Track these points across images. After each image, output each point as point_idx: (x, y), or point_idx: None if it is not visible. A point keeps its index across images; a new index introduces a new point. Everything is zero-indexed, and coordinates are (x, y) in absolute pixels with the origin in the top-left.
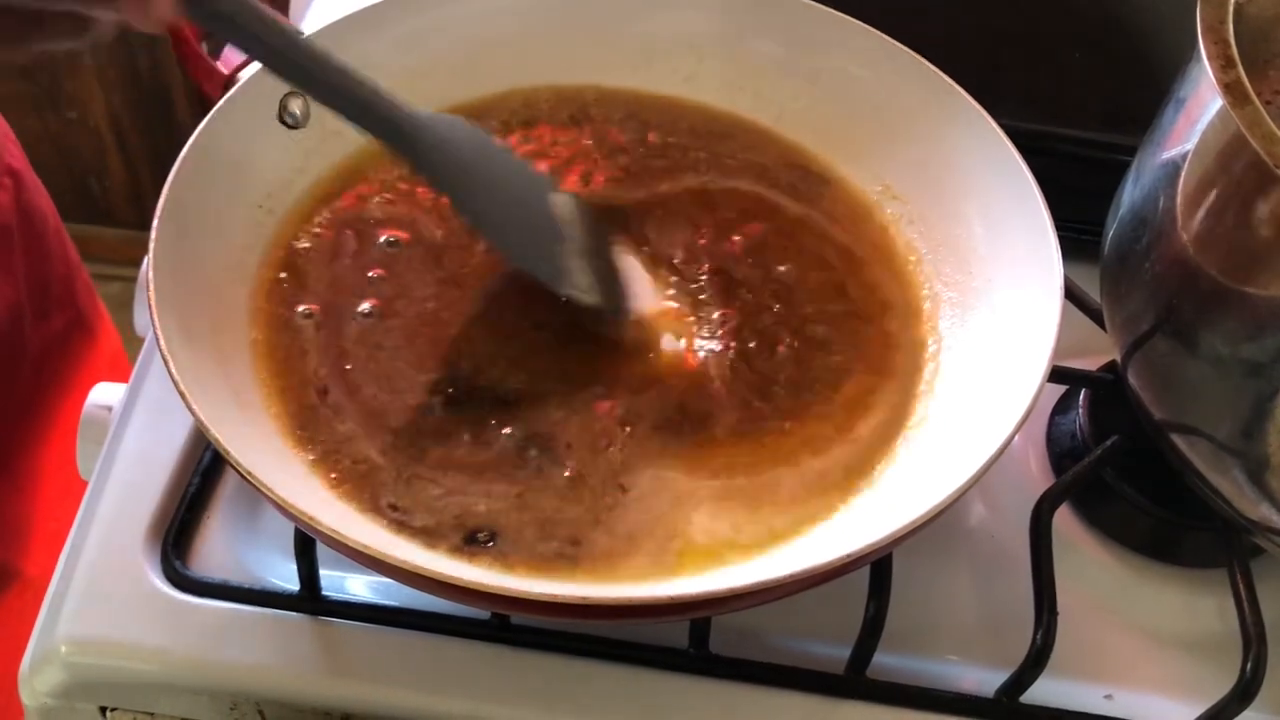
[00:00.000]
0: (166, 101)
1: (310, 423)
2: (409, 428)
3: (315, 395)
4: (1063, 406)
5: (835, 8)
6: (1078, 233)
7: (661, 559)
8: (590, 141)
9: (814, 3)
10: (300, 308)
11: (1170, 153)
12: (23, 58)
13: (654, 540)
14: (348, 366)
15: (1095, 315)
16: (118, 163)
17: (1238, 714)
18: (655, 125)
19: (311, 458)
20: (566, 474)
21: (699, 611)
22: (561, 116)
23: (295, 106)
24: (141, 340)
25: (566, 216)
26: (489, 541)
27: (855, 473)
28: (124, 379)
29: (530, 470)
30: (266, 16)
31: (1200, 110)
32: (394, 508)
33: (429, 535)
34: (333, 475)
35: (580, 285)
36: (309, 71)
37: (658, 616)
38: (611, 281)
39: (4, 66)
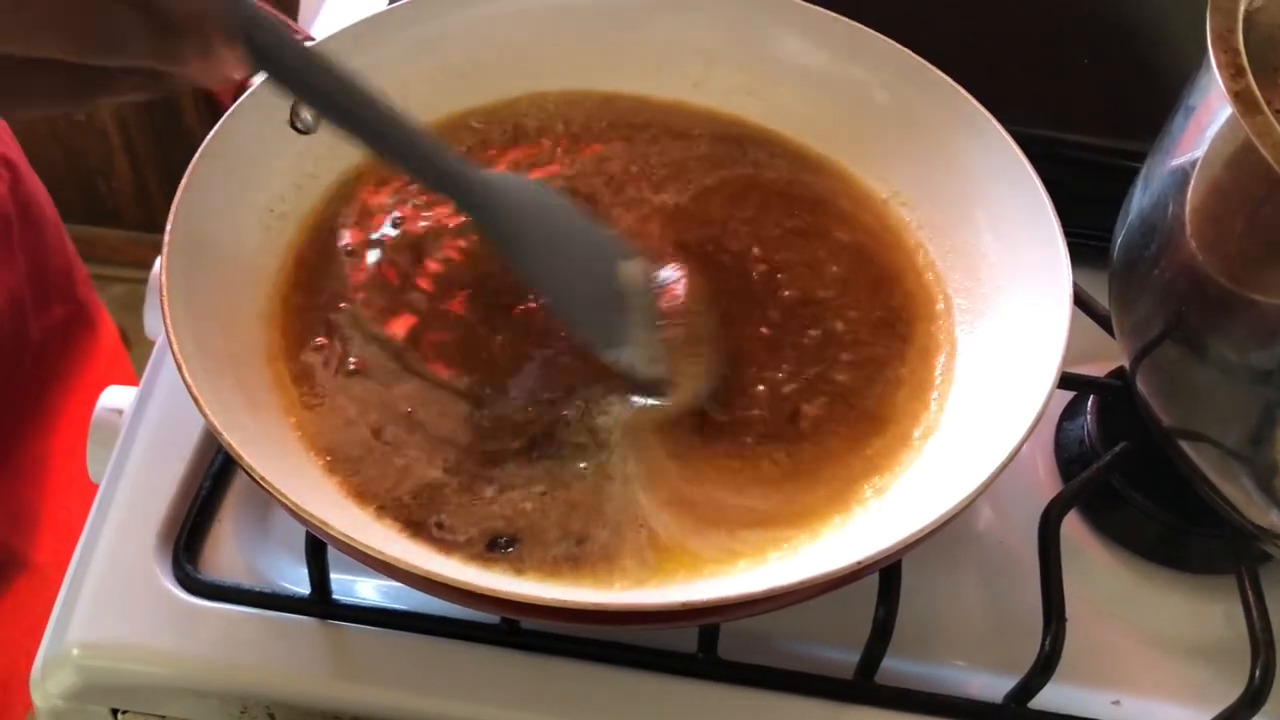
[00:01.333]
0: (174, 103)
1: (325, 426)
2: (454, 437)
3: (330, 401)
4: (1071, 412)
5: (844, 14)
6: (1087, 239)
7: (643, 557)
8: (599, 149)
9: (823, 9)
10: (312, 313)
11: (1179, 160)
12: (85, 110)
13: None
14: (362, 376)
15: (1104, 321)
16: (124, 164)
17: None
18: (662, 132)
19: (324, 461)
20: (586, 463)
21: (710, 617)
22: (569, 123)
23: (307, 112)
24: (150, 343)
25: (634, 284)
26: (509, 547)
27: (865, 479)
28: (125, 373)
29: (557, 462)
30: (336, 73)
31: (1209, 118)
32: (440, 525)
33: (449, 543)
34: (348, 483)
35: (637, 359)
36: (374, 127)
37: (668, 622)
38: (663, 354)
39: None
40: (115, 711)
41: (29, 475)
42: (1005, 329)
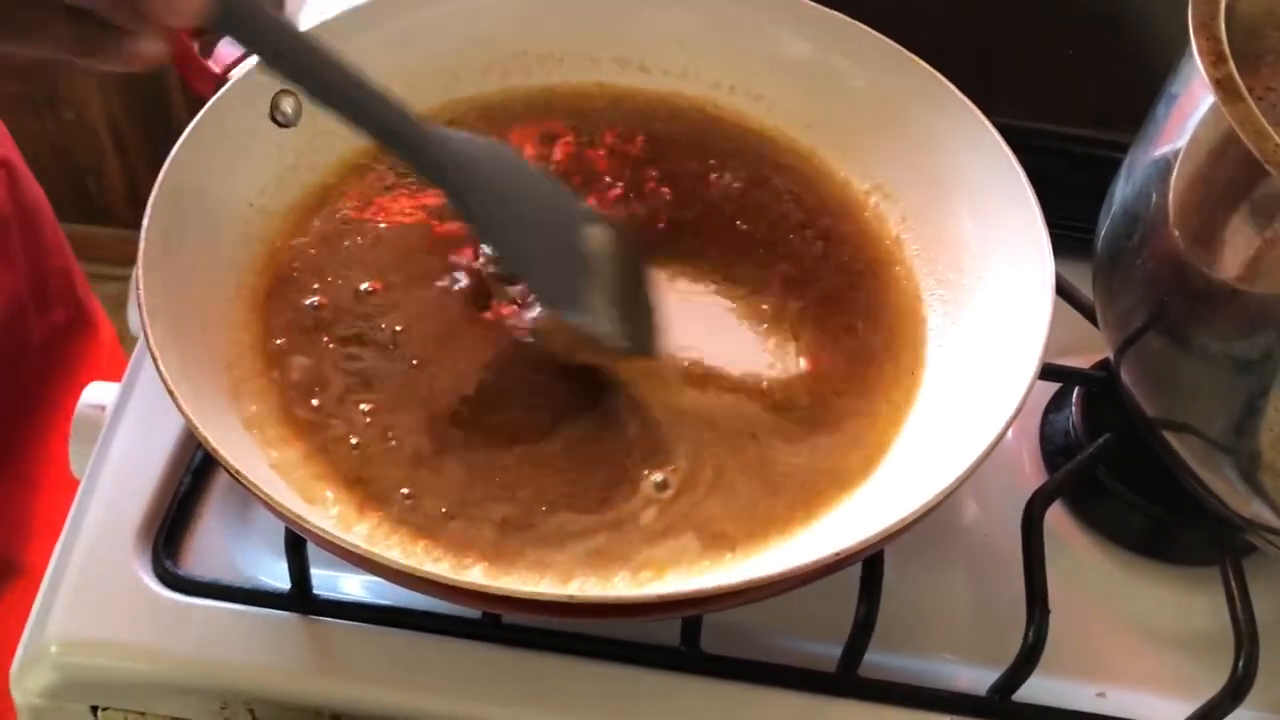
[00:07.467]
0: (163, 102)
1: (303, 426)
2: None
3: (311, 400)
4: (1056, 404)
5: (827, 5)
6: (1070, 230)
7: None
8: (581, 142)
9: (807, 0)
10: (292, 307)
11: (1162, 149)
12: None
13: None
14: (346, 374)
15: (1088, 312)
16: (115, 163)
17: (1229, 712)
18: (645, 123)
19: (303, 455)
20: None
21: (688, 610)
22: (553, 115)
23: (287, 105)
24: (138, 340)
25: (600, 250)
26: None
27: (847, 469)
28: (121, 375)
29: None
30: (291, 30)
31: (1192, 106)
32: (421, 519)
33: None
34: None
35: (600, 322)
36: (332, 85)
37: (647, 615)
38: (640, 320)
39: (2, 67)
40: (95, 709)
41: (28, 479)
42: (988, 320)
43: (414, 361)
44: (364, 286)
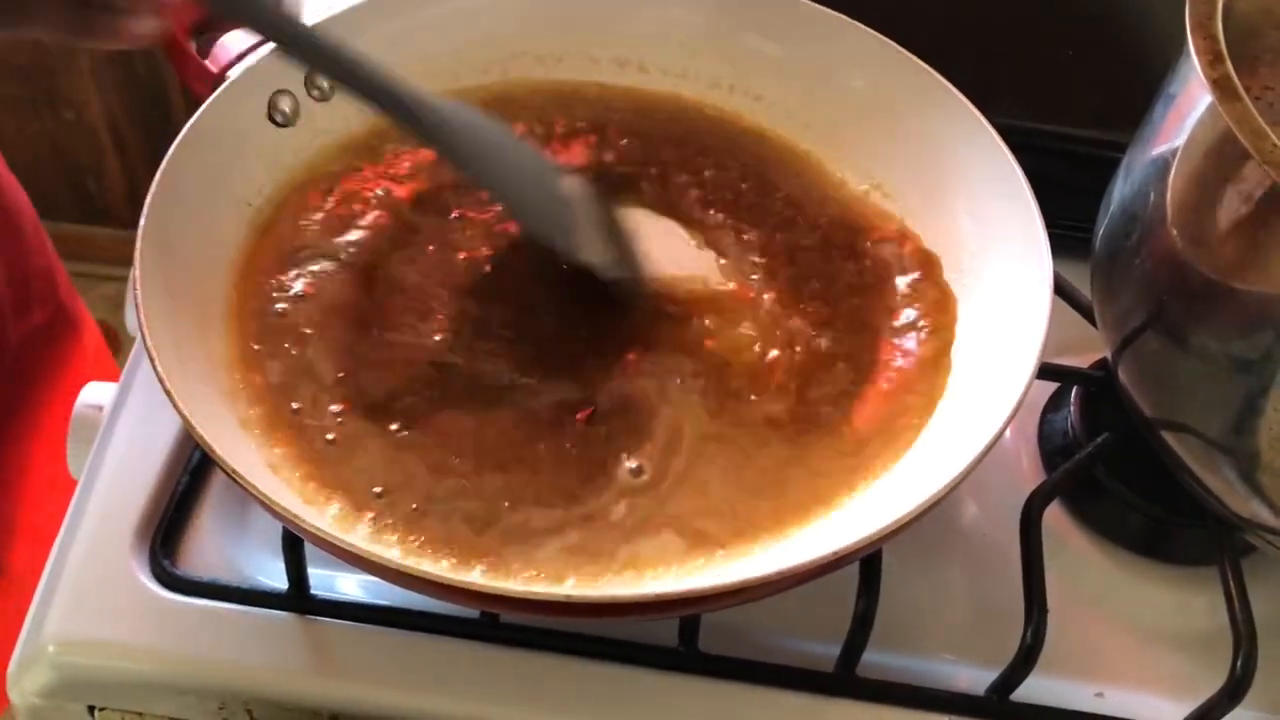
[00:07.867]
0: (163, 102)
1: (297, 427)
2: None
3: (303, 401)
4: (1055, 404)
5: (827, 5)
6: (1069, 229)
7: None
8: (580, 141)
9: (805, 0)
10: (287, 307)
11: (1160, 149)
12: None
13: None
14: (340, 375)
15: (1086, 312)
16: (115, 163)
17: (1228, 712)
18: (644, 123)
19: (299, 454)
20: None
21: (686, 609)
22: (552, 115)
23: (284, 105)
24: (135, 340)
25: (578, 194)
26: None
27: (844, 469)
28: (108, 375)
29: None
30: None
31: (1190, 106)
32: (418, 518)
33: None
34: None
35: (598, 255)
36: (335, 60)
37: (646, 614)
38: (624, 250)
39: (2, 67)
40: (92, 709)
41: (9, 483)
42: (986, 319)
43: (411, 358)
44: (362, 281)
